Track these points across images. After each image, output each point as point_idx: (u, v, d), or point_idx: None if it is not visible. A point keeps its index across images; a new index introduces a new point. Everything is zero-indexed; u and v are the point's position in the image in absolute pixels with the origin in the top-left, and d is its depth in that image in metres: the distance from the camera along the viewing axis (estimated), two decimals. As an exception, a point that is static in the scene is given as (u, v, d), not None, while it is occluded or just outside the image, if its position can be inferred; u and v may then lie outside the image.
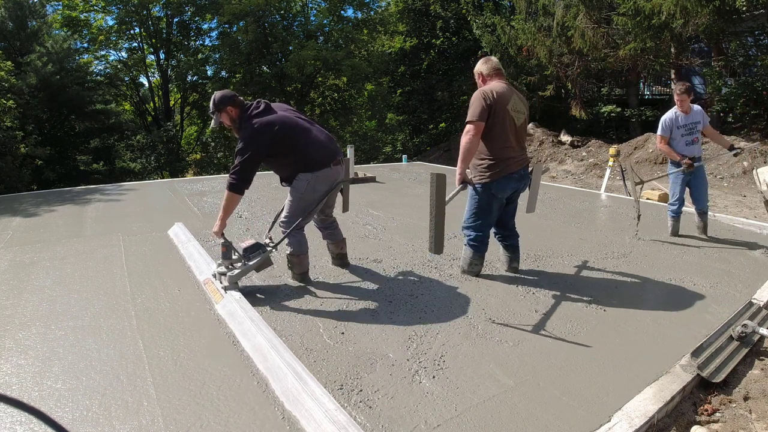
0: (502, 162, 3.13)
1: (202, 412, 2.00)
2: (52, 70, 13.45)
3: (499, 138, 3.10)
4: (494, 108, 3.03)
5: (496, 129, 3.07)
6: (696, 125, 4.56)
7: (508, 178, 3.18)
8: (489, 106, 3.02)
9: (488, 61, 3.26)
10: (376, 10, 18.35)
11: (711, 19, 9.17)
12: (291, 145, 3.05)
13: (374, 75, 17.03)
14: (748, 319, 2.80)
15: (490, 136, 3.09)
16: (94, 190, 7.32)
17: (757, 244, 4.42)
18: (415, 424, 1.94)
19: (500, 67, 3.26)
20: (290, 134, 3.05)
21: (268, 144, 2.98)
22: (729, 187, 8.54)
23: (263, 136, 2.96)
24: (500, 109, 3.05)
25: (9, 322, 2.81)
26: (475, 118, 3.00)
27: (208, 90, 17.99)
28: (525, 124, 3.28)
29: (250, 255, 3.07)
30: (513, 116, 3.13)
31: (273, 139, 2.98)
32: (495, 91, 3.06)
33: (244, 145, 2.94)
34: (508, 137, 3.12)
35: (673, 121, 4.59)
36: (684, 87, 4.53)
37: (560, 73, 12.56)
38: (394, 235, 4.64)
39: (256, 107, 3.08)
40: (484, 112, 3.01)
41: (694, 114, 4.55)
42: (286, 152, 3.06)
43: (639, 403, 2.09)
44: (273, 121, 3.01)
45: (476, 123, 3.01)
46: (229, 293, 2.98)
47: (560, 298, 3.16)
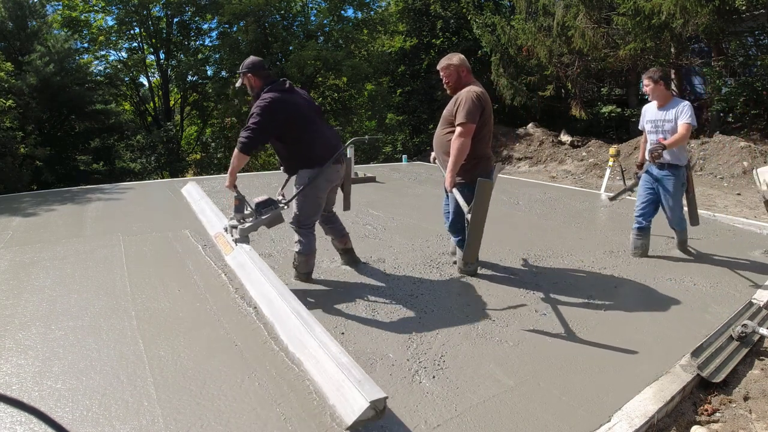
0: (485, 161, 3.24)
1: (202, 412, 2.00)
2: (53, 70, 13.44)
3: (485, 138, 3.18)
4: (484, 109, 3.07)
5: (484, 130, 3.12)
6: (665, 124, 3.73)
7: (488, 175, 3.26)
8: (482, 109, 3.03)
9: (459, 56, 3.25)
10: (376, 10, 18.34)
11: (711, 19, 9.17)
12: (297, 134, 3.07)
13: (374, 75, 17.01)
14: (748, 319, 2.80)
15: (478, 137, 3.12)
16: (94, 190, 7.32)
17: (757, 244, 4.42)
18: (415, 424, 1.94)
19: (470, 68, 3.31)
20: (299, 123, 3.07)
21: (278, 122, 3.01)
22: (729, 187, 8.54)
23: (276, 113, 2.99)
24: (488, 110, 3.10)
25: (9, 322, 2.81)
26: (470, 120, 2.99)
27: (208, 90, 17.97)
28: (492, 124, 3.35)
29: (262, 210, 3.12)
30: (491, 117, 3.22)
31: (285, 120, 3.01)
32: (483, 92, 3.10)
33: (258, 115, 2.97)
34: (487, 138, 3.22)
35: (644, 114, 3.96)
36: (650, 74, 3.75)
37: (560, 73, 12.55)
38: (394, 235, 4.64)
39: (281, 85, 3.11)
40: (477, 114, 3.02)
41: (669, 110, 3.72)
42: (291, 140, 3.09)
43: (639, 403, 2.09)
44: (288, 102, 3.05)
45: (470, 126, 3.00)
46: (240, 245, 3.02)
47: (560, 298, 3.16)
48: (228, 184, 3.13)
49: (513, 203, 6.17)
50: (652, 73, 3.75)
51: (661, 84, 3.71)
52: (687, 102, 3.70)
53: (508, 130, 14.14)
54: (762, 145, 9.60)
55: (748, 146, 9.31)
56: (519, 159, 12.83)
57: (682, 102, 3.71)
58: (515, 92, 13.41)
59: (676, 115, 3.66)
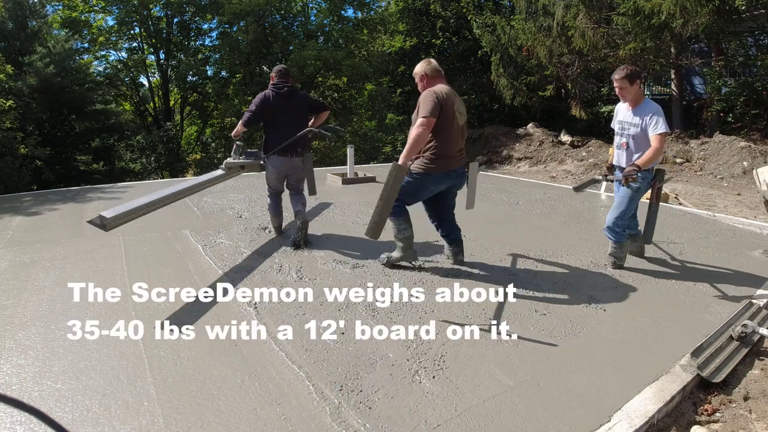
0: (444, 158, 3.29)
1: (202, 412, 2.00)
2: (53, 71, 13.44)
3: (445, 136, 3.27)
4: (444, 106, 3.18)
5: (443, 127, 3.23)
6: (631, 128, 3.44)
7: (446, 174, 3.35)
8: (440, 104, 3.16)
9: (429, 62, 3.40)
10: (376, 10, 18.34)
11: (711, 19, 9.16)
12: (265, 125, 4.13)
13: (374, 75, 17.01)
14: (748, 319, 2.80)
15: (436, 133, 3.23)
16: (94, 190, 7.32)
17: (757, 244, 4.42)
18: (415, 424, 1.94)
19: (441, 69, 3.42)
20: (268, 116, 4.06)
21: (259, 111, 4.03)
22: (729, 187, 8.53)
23: (259, 104, 4.02)
24: (448, 108, 3.22)
25: (9, 322, 2.81)
26: (429, 114, 3.11)
27: (208, 90, 17.97)
28: (465, 125, 3.46)
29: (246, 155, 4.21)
30: (457, 117, 3.31)
31: (261, 110, 4.03)
32: (443, 92, 3.23)
33: (253, 102, 4.09)
34: (451, 136, 3.30)
35: (616, 113, 3.65)
36: (622, 74, 3.40)
37: (560, 73, 12.55)
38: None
39: (276, 84, 4.08)
40: (436, 109, 3.14)
41: (637, 114, 3.42)
42: (264, 130, 4.17)
43: (639, 403, 2.09)
44: (268, 97, 4.03)
45: (429, 119, 3.12)
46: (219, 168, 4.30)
47: (560, 298, 3.16)
48: (234, 134, 4.24)
49: (513, 203, 6.17)
50: (623, 72, 3.41)
51: (638, 84, 3.43)
52: (657, 107, 3.35)
53: (508, 130, 14.13)
54: (762, 145, 9.60)
55: (748, 146, 9.31)
56: (519, 159, 12.83)
57: (652, 107, 3.36)
58: (515, 92, 13.41)
59: (643, 123, 3.36)
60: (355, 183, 7.80)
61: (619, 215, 3.56)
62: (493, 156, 13.39)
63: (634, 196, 3.51)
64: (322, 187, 7.42)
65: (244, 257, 3.94)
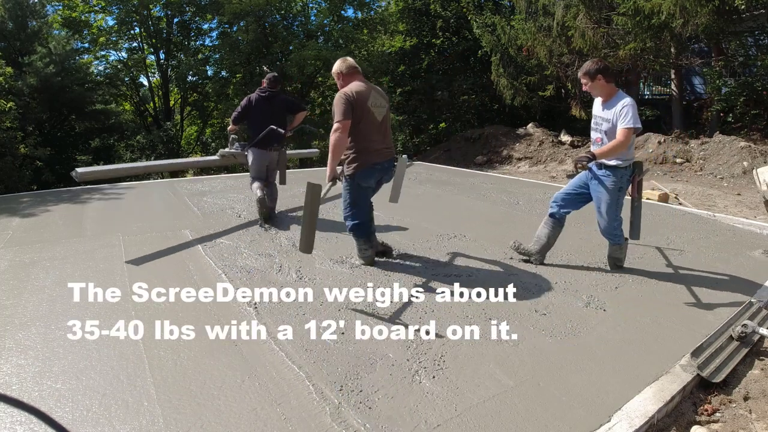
0: (365, 154, 3.36)
1: (202, 412, 2.00)
2: (53, 71, 13.44)
3: (362, 133, 3.34)
4: (355, 106, 3.25)
5: (359, 125, 3.30)
6: (603, 123, 3.34)
7: (372, 168, 3.41)
8: (352, 104, 3.24)
9: (345, 60, 3.49)
10: (376, 10, 18.34)
11: (711, 19, 9.17)
12: (249, 123, 4.87)
13: (374, 75, 17.00)
14: (748, 319, 2.80)
15: (354, 132, 3.31)
16: (94, 190, 7.31)
17: (757, 244, 4.42)
18: (415, 424, 1.94)
19: (357, 66, 3.50)
20: (252, 115, 4.81)
21: (243, 111, 4.81)
22: (729, 187, 8.54)
23: (244, 105, 4.83)
24: (361, 106, 3.28)
25: (9, 322, 2.81)
26: (341, 118, 3.20)
27: (208, 90, 17.97)
28: (387, 117, 3.52)
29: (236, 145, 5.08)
30: (373, 111, 3.36)
31: (245, 110, 4.81)
32: (354, 90, 3.29)
33: (240, 104, 4.92)
34: (370, 132, 3.37)
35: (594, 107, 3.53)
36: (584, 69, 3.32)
37: (560, 73, 12.55)
38: (394, 235, 4.64)
39: (262, 89, 4.85)
40: (348, 111, 3.22)
41: (609, 108, 3.30)
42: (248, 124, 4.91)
43: (639, 403, 2.09)
44: (251, 100, 4.81)
45: (343, 122, 3.20)
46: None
47: (560, 298, 3.16)
48: (228, 129, 5.23)
49: (513, 203, 6.17)
50: (587, 67, 3.30)
51: (600, 78, 3.27)
52: (629, 100, 3.23)
53: (508, 130, 14.13)
54: (762, 145, 9.60)
55: (748, 146, 9.31)
56: (519, 159, 12.83)
57: (623, 100, 3.23)
58: (515, 92, 13.41)
59: (614, 117, 3.23)
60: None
61: (609, 221, 3.50)
62: (493, 156, 13.39)
63: (617, 197, 3.43)
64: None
65: (244, 257, 3.94)
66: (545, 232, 3.76)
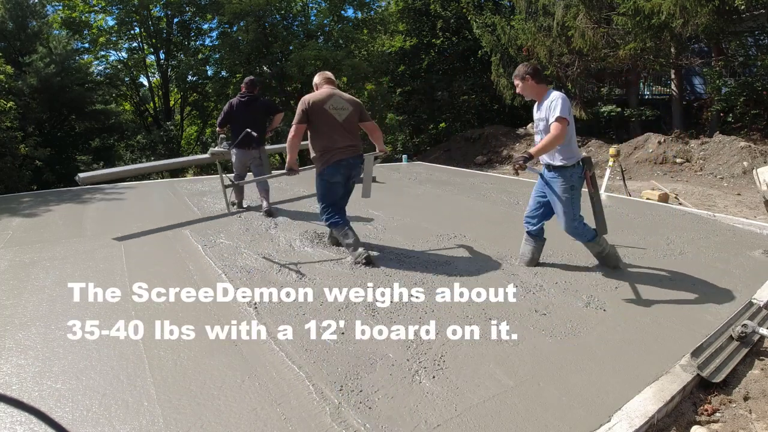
0: (329, 153, 3.69)
1: (202, 412, 2.00)
2: (54, 71, 13.44)
3: (323, 133, 3.70)
4: (311, 111, 3.66)
5: (318, 127, 3.69)
6: (540, 123, 3.37)
7: (337, 165, 3.71)
8: (305, 111, 3.65)
9: (321, 74, 4.00)
10: (376, 10, 18.35)
11: (711, 19, 9.17)
12: (231, 125, 5.29)
13: (374, 75, 17.02)
14: (748, 319, 2.80)
15: (315, 133, 3.71)
16: (94, 190, 7.31)
17: (757, 244, 4.42)
18: (415, 424, 1.94)
19: (330, 77, 3.97)
20: (233, 118, 5.22)
21: (225, 115, 5.25)
22: (729, 187, 8.54)
23: (225, 110, 5.26)
24: (316, 110, 3.66)
25: (9, 322, 2.81)
26: (295, 122, 3.68)
27: (208, 90, 17.97)
28: (351, 118, 3.80)
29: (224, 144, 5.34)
30: (332, 113, 3.70)
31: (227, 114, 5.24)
32: (311, 97, 3.72)
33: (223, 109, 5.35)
34: (331, 132, 3.70)
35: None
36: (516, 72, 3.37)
37: (560, 73, 12.55)
38: (394, 235, 4.64)
39: (242, 94, 5.24)
40: (302, 116, 3.65)
41: (541, 107, 3.33)
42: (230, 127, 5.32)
43: (639, 403, 2.09)
44: (232, 105, 5.21)
45: (297, 126, 3.67)
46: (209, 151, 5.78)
47: (560, 298, 3.16)
48: (218, 131, 5.57)
49: (513, 203, 6.17)
50: (517, 70, 3.37)
51: (529, 80, 3.30)
52: (557, 94, 3.24)
53: (508, 130, 14.14)
54: (762, 145, 9.60)
55: (748, 146, 9.32)
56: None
57: (552, 95, 3.25)
58: (515, 92, 13.40)
59: (547, 113, 3.25)
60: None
61: (568, 221, 3.45)
62: (493, 156, 13.39)
63: (570, 196, 3.42)
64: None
65: (244, 257, 3.94)
66: (528, 249, 3.76)
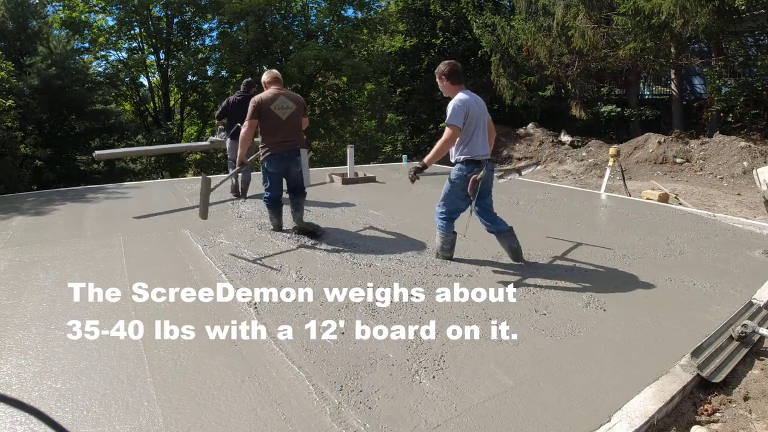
0: (271, 146, 4.22)
1: (202, 412, 2.00)
2: (54, 72, 13.44)
3: (268, 129, 4.21)
4: (260, 109, 4.14)
5: (264, 123, 4.19)
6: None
7: (277, 157, 4.25)
8: (256, 109, 4.13)
9: (269, 73, 4.39)
10: (376, 9, 18.33)
11: (711, 19, 9.17)
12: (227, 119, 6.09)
13: (374, 75, 17.00)
14: (748, 319, 2.80)
15: (263, 129, 4.23)
16: (94, 190, 7.32)
17: (757, 244, 4.42)
18: (415, 424, 1.94)
19: (277, 77, 4.38)
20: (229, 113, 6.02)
21: (222, 110, 6.16)
22: (729, 187, 8.54)
23: (223, 105, 6.18)
24: (264, 109, 4.15)
25: (9, 322, 2.81)
26: (247, 119, 4.17)
27: (208, 90, 17.95)
28: (294, 116, 4.27)
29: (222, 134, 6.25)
30: (277, 113, 4.19)
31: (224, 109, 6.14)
32: (261, 97, 4.19)
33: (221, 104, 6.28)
34: (275, 128, 4.20)
35: None
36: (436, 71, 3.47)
37: (560, 73, 12.55)
38: (394, 235, 4.64)
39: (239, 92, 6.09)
40: (252, 114, 4.13)
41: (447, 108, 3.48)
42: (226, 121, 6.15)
43: (639, 403, 2.09)
44: (229, 101, 6.08)
45: (249, 122, 4.15)
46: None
47: (560, 298, 3.16)
48: (217, 123, 6.49)
49: (513, 203, 6.17)
50: (437, 68, 3.45)
51: (444, 80, 3.39)
52: (455, 99, 3.33)
53: (508, 130, 14.13)
54: (762, 145, 9.60)
55: (748, 146, 9.32)
56: (519, 159, 12.84)
57: (454, 99, 3.36)
58: (515, 92, 13.40)
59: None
60: (355, 183, 7.81)
61: (439, 206, 3.70)
62: (492, 156, 13.40)
63: (449, 186, 3.60)
64: (323, 187, 7.42)
65: (244, 257, 3.94)
66: (504, 245, 3.80)
